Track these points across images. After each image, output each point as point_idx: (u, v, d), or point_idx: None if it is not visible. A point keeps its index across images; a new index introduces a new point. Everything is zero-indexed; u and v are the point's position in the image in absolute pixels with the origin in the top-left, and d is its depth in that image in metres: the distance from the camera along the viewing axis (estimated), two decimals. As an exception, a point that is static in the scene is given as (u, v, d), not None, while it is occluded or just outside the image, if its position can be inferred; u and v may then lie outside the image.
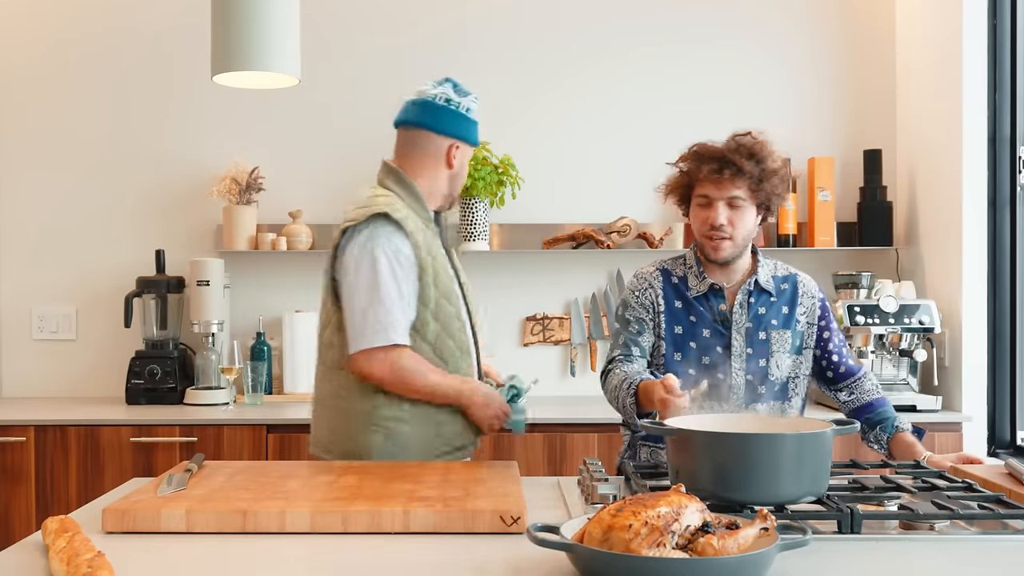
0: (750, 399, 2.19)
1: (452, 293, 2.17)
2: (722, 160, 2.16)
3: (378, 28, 3.78)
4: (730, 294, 2.24)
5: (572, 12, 3.79)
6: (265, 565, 1.36)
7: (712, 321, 2.22)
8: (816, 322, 2.26)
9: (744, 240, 2.19)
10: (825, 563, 1.35)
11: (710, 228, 2.18)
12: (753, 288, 2.23)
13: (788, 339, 2.22)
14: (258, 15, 2.27)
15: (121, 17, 3.75)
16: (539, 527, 1.30)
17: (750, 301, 2.23)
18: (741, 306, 2.22)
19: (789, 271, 2.31)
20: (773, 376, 2.20)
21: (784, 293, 2.26)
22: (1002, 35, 3.24)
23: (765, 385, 2.20)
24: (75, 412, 3.28)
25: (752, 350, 2.20)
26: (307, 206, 3.72)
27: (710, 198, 2.18)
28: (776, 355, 2.20)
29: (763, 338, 2.20)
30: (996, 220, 3.26)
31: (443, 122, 2.22)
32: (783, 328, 2.22)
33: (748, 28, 3.80)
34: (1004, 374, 3.24)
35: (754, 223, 2.20)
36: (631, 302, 2.28)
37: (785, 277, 2.29)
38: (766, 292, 2.24)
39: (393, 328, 2.07)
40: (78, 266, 3.76)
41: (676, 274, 2.29)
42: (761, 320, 2.22)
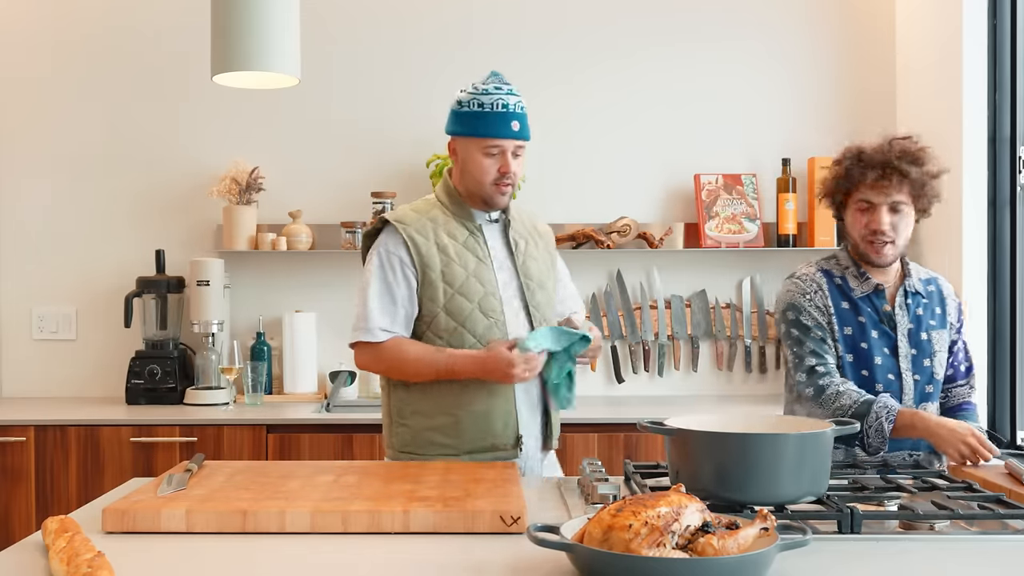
0: (920, 399, 2.22)
1: (472, 289, 2.20)
2: (887, 166, 2.16)
3: (379, 29, 3.78)
4: (889, 296, 2.26)
5: (573, 13, 3.78)
6: (265, 565, 1.36)
7: (878, 322, 2.23)
8: (956, 324, 2.31)
9: (905, 244, 2.22)
10: (825, 563, 1.35)
11: (872, 233, 2.19)
12: (911, 290, 2.26)
13: (946, 339, 2.26)
14: (258, 15, 2.27)
15: (121, 17, 3.75)
16: (539, 527, 1.30)
17: (908, 302, 2.25)
18: (901, 307, 2.24)
19: (930, 274, 2.35)
20: (938, 375, 2.24)
21: (933, 295, 2.30)
22: (1002, 35, 3.24)
23: (932, 384, 2.23)
24: (75, 412, 3.28)
25: (916, 351, 2.23)
26: (307, 206, 3.72)
27: (872, 203, 2.19)
28: (939, 355, 2.24)
29: (925, 338, 2.24)
30: (996, 220, 3.26)
31: (446, 124, 2.28)
32: (940, 328, 2.26)
33: (748, 28, 3.79)
34: (1004, 374, 3.24)
35: (913, 226, 2.23)
36: (803, 306, 2.26)
37: (929, 279, 2.32)
38: (919, 294, 2.27)
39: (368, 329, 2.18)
40: (78, 266, 3.76)
41: (836, 275, 2.29)
42: (921, 321, 2.25)
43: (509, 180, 2.21)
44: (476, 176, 2.21)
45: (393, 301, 2.19)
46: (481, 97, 2.19)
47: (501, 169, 2.19)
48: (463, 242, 2.24)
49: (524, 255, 2.30)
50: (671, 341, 3.77)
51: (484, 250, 2.25)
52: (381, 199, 3.61)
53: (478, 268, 2.22)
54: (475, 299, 2.20)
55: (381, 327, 2.18)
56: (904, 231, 2.20)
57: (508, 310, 2.23)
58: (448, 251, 2.21)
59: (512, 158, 2.20)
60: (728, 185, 3.71)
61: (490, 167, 2.19)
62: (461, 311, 2.19)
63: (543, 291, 2.31)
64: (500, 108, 2.19)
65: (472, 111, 2.20)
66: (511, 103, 2.20)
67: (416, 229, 2.22)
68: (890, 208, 2.18)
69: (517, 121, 2.20)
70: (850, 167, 2.23)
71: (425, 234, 2.22)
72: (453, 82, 3.77)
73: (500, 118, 2.19)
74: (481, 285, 2.21)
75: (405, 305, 2.20)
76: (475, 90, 2.21)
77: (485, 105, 2.19)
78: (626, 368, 3.78)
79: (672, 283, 3.80)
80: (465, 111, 2.21)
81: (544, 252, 2.37)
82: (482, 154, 2.20)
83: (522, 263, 2.29)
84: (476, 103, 2.19)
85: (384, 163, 3.76)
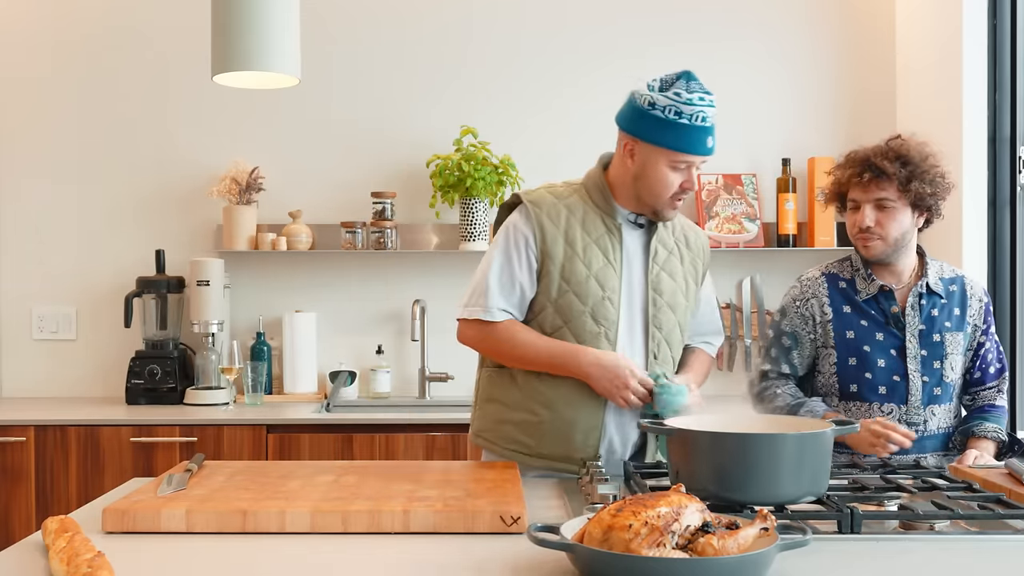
0: (927, 400, 2.23)
1: (589, 291, 2.05)
2: (865, 164, 2.22)
3: (379, 28, 3.77)
4: (900, 296, 2.28)
5: (573, 13, 3.78)
6: (265, 565, 1.36)
7: (885, 324, 2.26)
8: (981, 325, 2.30)
9: (897, 240, 2.23)
10: (825, 563, 1.35)
11: (858, 230, 2.25)
12: (924, 290, 2.27)
13: (961, 341, 2.26)
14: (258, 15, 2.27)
15: (121, 17, 3.75)
16: (539, 527, 1.30)
17: (921, 303, 2.26)
18: (913, 308, 2.26)
19: (956, 273, 2.34)
20: (948, 378, 2.24)
21: (953, 295, 2.30)
22: (1002, 35, 3.24)
23: (941, 387, 2.24)
24: (75, 412, 3.28)
25: (926, 352, 2.24)
26: (307, 206, 3.72)
27: (858, 202, 2.25)
28: (951, 357, 2.25)
29: (937, 340, 2.24)
30: (996, 220, 3.26)
31: (623, 117, 2.10)
32: (956, 330, 2.26)
33: (748, 29, 3.79)
34: (1004, 374, 3.24)
35: (910, 223, 2.24)
36: (789, 311, 2.35)
37: (952, 279, 2.32)
38: (936, 294, 2.27)
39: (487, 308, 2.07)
40: (78, 266, 3.76)
41: (843, 277, 2.33)
42: (934, 322, 2.26)
43: (686, 196, 2.06)
44: (655, 188, 2.03)
45: (512, 282, 2.07)
46: (682, 106, 1.97)
47: (684, 185, 2.03)
48: (595, 238, 2.07)
49: (661, 266, 2.12)
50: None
51: (616, 252, 2.07)
52: (381, 199, 3.61)
53: (603, 269, 2.05)
54: (589, 302, 2.04)
55: (499, 307, 2.06)
56: (892, 227, 2.21)
57: (624, 322, 2.07)
58: (575, 244, 2.06)
59: (694, 171, 2.04)
60: (728, 185, 3.71)
61: (673, 181, 2.02)
62: (571, 310, 2.04)
63: (672, 311, 2.11)
64: (700, 122, 1.98)
65: (667, 119, 1.99)
66: (709, 116, 1.99)
67: (548, 214, 2.08)
68: (876, 205, 2.22)
69: (711, 137, 2.01)
70: (840, 169, 2.29)
71: (556, 221, 2.07)
72: (453, 83, 3.79)
73: (699, 133, 1.99)
74: (601, 288, 2.05)
75: (524, 288, 2.07)
76: (676, 97, 1.99)
77: (684, 115, 1.98)
78: (626, 368, 3.78)
79: (672, 283, 3.79)
80: (658, 116, 1.99)
81: (688, 268, 2.17)
82: (668, 167, 2.01)
83: (655, 274, 2.10)
84: (674, 110, 1.98)
85: (384, 163, 3.76)
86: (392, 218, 3.63)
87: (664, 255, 2.13)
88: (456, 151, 3.60)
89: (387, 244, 3.60)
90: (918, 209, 2.24)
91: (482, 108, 3.76)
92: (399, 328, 3.78)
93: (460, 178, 3.54)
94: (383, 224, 3.59)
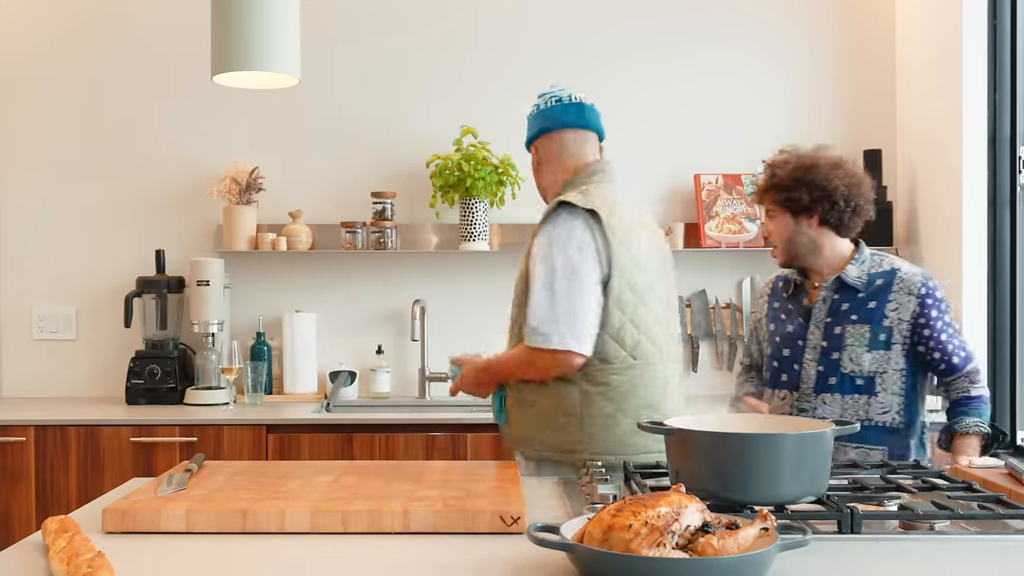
0: (819, 389, 2.30)
1: None
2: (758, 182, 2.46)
3: (379, 29, 3.78)
4: (817, 291, 2.38)
5: (575, 15, 3.79)
6: (265, 565, 1.36)
7: (796, 316, 2.39)
8: (911, 319, 2.27)
9: (787, 245, 2.36)
10: (825, 563, 1.35)
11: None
12: (838, 285, 2.33)
13: (866, 333, 2.27)
14: (258, 15, 2.27)
15: (121, 17, 3.75)
16: (539, 527, 1.30)
17: (834, 297, 2.33)
18: (824, 301, 2.34)
19: (893, 267, 2.34)
20: (846, 369, 2.27)
21: (875, 288, 2.31)
22: (1002, 35, 3.24)
23: (837, 377, 2.28)
24: (75, 412, 3.28)
25: (827, 343, 2.30)
26: (307, 206, 3.72)
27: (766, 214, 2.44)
28: (850, 348, 2.27)
29: (838, 332, 2.30)
30: (996, 220, 3.26)
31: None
32: (862, 323, 2.28)
33: (748, 29, 3.80)
34: (1004, 374, 3.24)
35: (794, 229, 2.34)
36: (753, 312, 2.60)
37: (884, 273, 2.33)
38: (853, 289, 2.32)
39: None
40: (78, 266, 3.76)
41: (787, 277, 2.48)
42: (842, 315, 2.31)
43: None
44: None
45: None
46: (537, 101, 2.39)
47: None
48: None
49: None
50: (671, 341, 3.77)
51: None
52: (381, 199, 3.61)
53: None
54: None
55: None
56: (777, 235, 2.37)
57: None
58: None
59: None
60: (728, 185, 3.71)
61: None
62: None
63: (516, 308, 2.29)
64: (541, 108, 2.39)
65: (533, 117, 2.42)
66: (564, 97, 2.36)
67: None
68: (767, 215, 2.41)
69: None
70: None
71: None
72: (453, 83, 3.79)
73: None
74: None
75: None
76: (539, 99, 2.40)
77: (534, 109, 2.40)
78: (626, 368, 3.78)
79: (672, 283, 3.80)
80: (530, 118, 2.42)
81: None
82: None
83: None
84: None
85: (384, 163, 3.76)
86: (392, 218, 3.63)
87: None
88: (456, 151, 3.60)
89: (387, 244, 3.60)
90: (802, 212, 2.32)
91: (482, 108, 3.76)
92: (399, 328, 3.78)
93: (460, 178, 3.54)
94: (383, 224, 3.59)
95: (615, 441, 2.14)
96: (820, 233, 2.33)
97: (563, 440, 2.17)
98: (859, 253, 2.35)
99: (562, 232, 2.14)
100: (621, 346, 2.14)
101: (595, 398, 2.14)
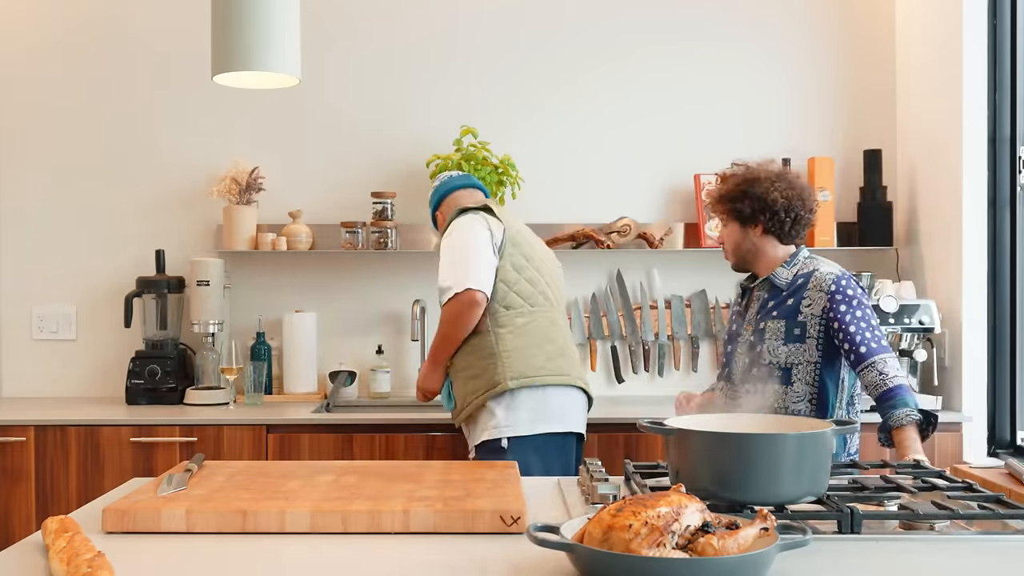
0: (743, 379, 2.50)
1: None
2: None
3: (380, 29, 3.78)
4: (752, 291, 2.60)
5: (572, 13, 3.79)
6: (265, 565, 1.36)
7: (740, 314, 2.61)
8: (822, 313, 2.42)
9: (735, 250, 2.58)
10: (825, 563, 1.35)
11: None
12: (768, 287, 2.53)
13: (781, 328, 2.45)
14: (258, 15, 2.27)
15: (121, 17, 3.75)
16: (539, 527, 1.30)
17: (765, 296, 2.53)
18: (757, 301, 2.55)
19: (814, 268, 2.50)
20: (765, 360, 2.46)
21: (794, 287, 2.49)
22: (1002, 34, 3.24)
23: (756, 367, 2.47)
24: (75, 412, 3.28)
25: (753, 338, 2.51)
26: (307, 206, 3.72)
27: None
28: (768, 342, 2.46)
29: (761, 327, 2.49)
30: (996, 220, 3.26)
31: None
32: (779, 319, 2.47)
33: (748, 28, 3.80)
34: (1004, 374, 3.24)
35: (740, 235, 2.56)
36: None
37: (805, 274, 2.50)
38: (778, 288, 2.50)
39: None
40: (78, 266, 3.76)
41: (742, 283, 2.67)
42: (766, 312, 2.50)
43: None
44: None
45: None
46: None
47: None
48: None
49: None
50: (671, 341, 3.77)
51: None
52: (381, 199, 3.61)
53: None
54: None
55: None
56: (727, 241, 2.58)
57: None
58: None
59: None
60: (728, 185, 3.71)
61: None
62: None
63: None
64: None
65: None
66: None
67: None
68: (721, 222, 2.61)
69: None
70: None
71: None
72: (453, 83, 3.79)
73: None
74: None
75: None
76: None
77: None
78: (626, 368, 3.78)
79: (672, 283, 3.80)
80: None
81: None
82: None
83: None
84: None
85: (384, 163, 3.76)
86: (392, 218, 3.63)
87: None
88: (456, 151, 3.60)
89: (387, 244, 3.60)
90: (748, 219, 2.52)
91: (482, 108, 3.76)
92: (399, 328, 3.78)
93: (460, 178, 3.53)
94: (383, 224, 3.59)
95: (528, 367, 2.67)
96: (764, 240, 2.54)
97: (488, 380, 2.67)
98: (793, 257, 2.53)
99: (459, 223, 2.74)
100: (520, 296, 2.73)
101: (505, 337, 2.68)
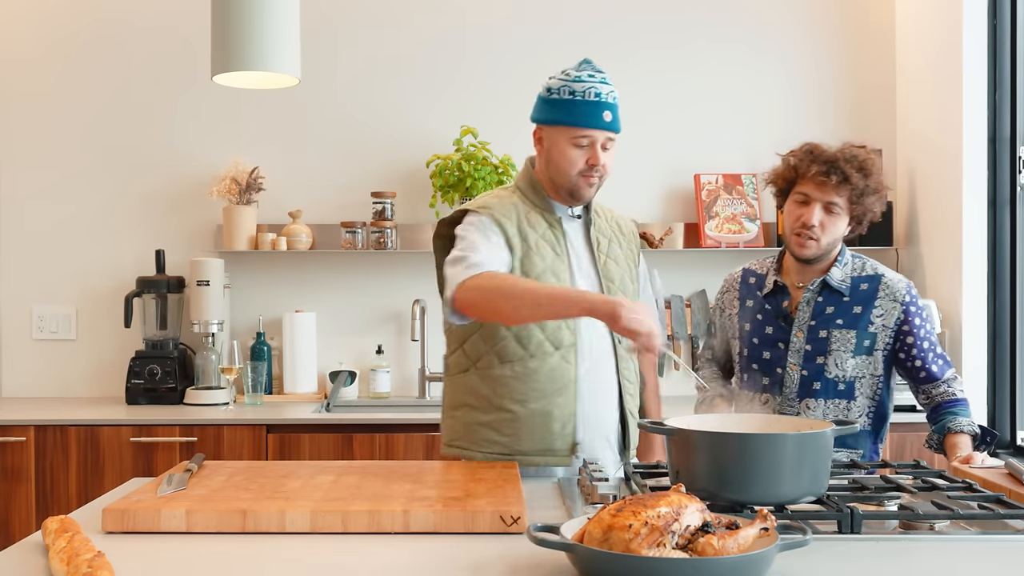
0: (803, 394, 2.26)
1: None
2: (832, 165, 2.22)
3: (380, 29, 3.78)
4: (799, 292, 2.31)
5: (571, 12, 3.79)
6: (265, 565, 1.36)
7: (775, 317, 2.31)
8: (895, 326, 2.26)
9: (829, 246, 2.26)
10: (825, 563, 1.35)
11: (801, 226, 2.25)
12: (821, 287, 2.29)
13: (852, 339, 2.25)
14: (258, 15, 2.27)
15: (121, 16, 3.75)
16: (539, 527, 1.30)
17: (818, 299, 2.28)
18: (808, 303, 2.28)
19: (877, 272, 2.31)
20: (831, 374, 2.25)
21: (860, 293, 2.28)
22: (1002, 35, 3.24)
23: (820, 382, 2.25)
24: (75, 412, 3.28)
25: (811, 347, 2.26)
26: (307, 206, 3.72)
27: (810, 198, 2.24)
28: (835, 353, 2.24)
29: (823, 336, 2.25)
30: (996, 220, 3.26)
31: (532, 111, 2.17)
32: (848, 328, 2.25)
33: (748, 28, 3.80)
34: (1004, 374, 3.24)
35: (843, 232, 2.27)
36: (716, 304, 2.49)
37: (868, 278, 2.30)
38: (837, 292, 2.28)
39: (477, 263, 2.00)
40: (78, 266, 3.76)
41: (757, 272, 2.40)
42: (827, 319, 2.26)
43: (598, 172, 2.08)
44: (562, 167, 2.08)
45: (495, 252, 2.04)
46: (572, 84, 2.07)
47: (589, 161, 2.07)
48: (541, 233, 2.11)
49: (606, 255, 2.18)
50: (671, 341, 3.77)
51: (562, 245, 2.12)
52: (381, 199, 3.61)
53: (555, 263, 2.09)
54: None
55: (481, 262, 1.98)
56: (832, 232, 2.25)
57: None
58: (528, 239, 2.08)
59: (601, 150, 2.07)
60: (728, 185, 3.71)
61: (578, 158, 2.07)
62: None
63: (623, 295, 2.14)
64: (592, 97, 2.06)
65: (562, 99, 2.07)
66: (604, 92, 2.07)
67: (500, 213, 2.09)
68: (825, 207, 2.23)
69: (609, 112, 2.07)
70: (800, 160, 2.28)
71: (509, 217, 2.09)
72: (453, 83, 3.79)
73: (592, 107, 2.06)
74: (556, 279, 2.07)
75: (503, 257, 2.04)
76: (566, 76, 2.08)
77: (576, 93, 2.06)
78: (626, 368, 3.78)
79: (672, 283, 3.80)
80: (554, 98, 2.08)
81: (627, 252, 2.24)
82: (571, 144, 2.07)
83: (603, 264, 2.16)
84: (567, 90, 2.07)
85: (384, 163, 3.76)
86: (392, 218, 3.63)
87: (606, 244, 2.19)
88: (456, 151, 3.60)
89: (387, 244, 3.60)
90: (855, 220, 2.27)
91: (482, 108, 3.76)
92: (399, 328, 3.78)
93: (460, 178, 3.54)
94: (383, 224, 3.59)
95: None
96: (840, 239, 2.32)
97: None
98: (841, 255, 2.31)
99: None
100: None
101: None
